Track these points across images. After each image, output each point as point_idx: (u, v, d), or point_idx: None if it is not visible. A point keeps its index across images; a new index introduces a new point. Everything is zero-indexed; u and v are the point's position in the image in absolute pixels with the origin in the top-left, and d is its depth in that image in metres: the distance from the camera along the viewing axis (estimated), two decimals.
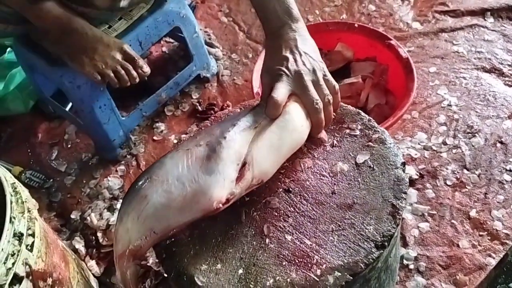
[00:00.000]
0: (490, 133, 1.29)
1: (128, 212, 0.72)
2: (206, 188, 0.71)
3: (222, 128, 0.78)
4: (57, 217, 1.32)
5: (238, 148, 0.75)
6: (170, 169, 0.74)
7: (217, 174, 0.72)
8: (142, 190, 0.72)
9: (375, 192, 0.77)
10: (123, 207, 0.74)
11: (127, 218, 0.72)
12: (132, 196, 0.73)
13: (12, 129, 1.56)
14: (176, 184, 0.72)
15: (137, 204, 0.72)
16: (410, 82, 1.25)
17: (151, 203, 0.71)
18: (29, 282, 0.78)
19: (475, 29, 1.58)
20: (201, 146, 0.75)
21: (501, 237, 1.10)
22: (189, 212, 0.71)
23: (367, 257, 0.71)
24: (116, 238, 0.72)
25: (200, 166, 0.73)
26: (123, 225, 0.72)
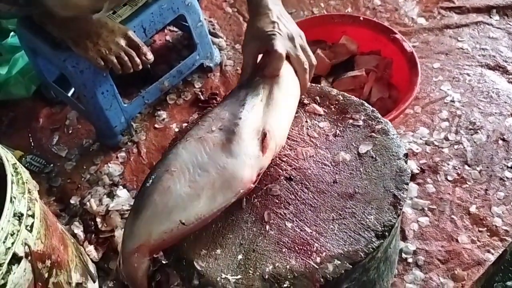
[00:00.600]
0: (492, 130, 1.29)
1: (147, 205, 0.70)
2: (236, 171, 0.72)
3: (231, 110, 0.78)
4: (56, 202, 1.31)
5: (255, 124, 0.76)
6: (188, 159, 0.73)
7: (242, 155, 0.73)
8: (163, 183, 0.71)
9: (376, 182, 0.77)
10: (140, 201, 0.72)
11: (146, 212, 0.70)
12: (150, 190, 0.71)
13: (14, 113, 1.55)
14: (200, 172, 0.72)
15: (160, 196, 0.70)
16: (414, 76, 1.25)
17: (176, 194, 0.70)
18: (27, 263, 0.78)
19: (480, 26, 1.57)
20: (215, 132, 0.76)
21: (500, 234, 1.10)
22: (222, 198, 0.71)
23: (367, 246, 0.71)
24: (132, 232, 0.70)
25: (221, 151, 0.73)
26: (141, 219, 0.70)
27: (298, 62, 0.86)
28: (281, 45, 0.83)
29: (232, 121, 0.77)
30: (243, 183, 0.72)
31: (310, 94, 0.93)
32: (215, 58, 1.55)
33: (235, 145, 0.73)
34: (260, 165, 0.75)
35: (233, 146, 0.73)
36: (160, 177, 0.72)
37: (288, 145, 0.84)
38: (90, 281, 1.05)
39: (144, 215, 0.70)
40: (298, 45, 0.86)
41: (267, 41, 0.83)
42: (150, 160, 1.36)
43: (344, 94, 0.91)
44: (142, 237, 0.69)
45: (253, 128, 0.76)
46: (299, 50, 0.86)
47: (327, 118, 0.88)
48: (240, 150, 0.73)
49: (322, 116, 0.88)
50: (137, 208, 0.72)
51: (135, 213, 0.72)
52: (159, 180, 0.72)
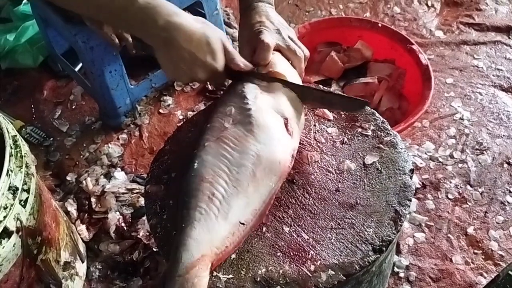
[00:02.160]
0: (498, 153, 1.27)
1: (197, 216, 0.66)
2: (271, 155, 0.72)
3: (235, 105, 0.77)
4: (52, 177, 1.30)
5: (267, 111, 0.76)
6: (219, 162, 0.71)
7: (272, 139, 0.73)
8: (205, 192, 0.68)
9: (379, 195, 0.76)
10: (187, 215, 0.67)
11: (200, 221, 0.66)
12: (194, 203, 0.68)
13: (18, 82, 1.54)
14: (237, 169, 0.70)
15: (207, 205, 0.67)
16: (427, 90, 1.23)
17: (225, 197, 0.68)
18: (18, 238, 0.77)
19: (498, 45, 1.55)
20: (230, 128, 0.74)
21: (495, 258, 1.09)
22: (268, 186, 0.71)
23: (363, 259, 0.69)
24: (188, 243, 0.64)
25: (248, 142, 0.72)
26: (197, 228, 0.65)
27: (290, 52, 0.87)
28: (268, 37, 0.84)
29: (243, 114, 0.75)
30: (282, 165, 0.73)
31: None
32: None
33: (259, 133, 0.73)
34: (292, 146, 0.76)
35: (258, 134, 0.73)
36: (199, 188, 0.69)
37: None
38: (79, 261, 1.05)
39: (198, 224, 0.66)
40: (287, 37, 0.87)
41: (254, 37, 0.85)
42: (151, 145, 1.35)
43: None
44: (203, 246, 0.64)
45: (268, 114, 0.76)
46: (289, 41, 0.87)
47: (336, 124, 0.86)
48: (267, 136, 0.73)
49: (331, 122, 0.87)
50: (186, 221, 0.67)
51: (187, 225, 0.66)
52: (198, 191, 0.69)
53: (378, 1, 1.71)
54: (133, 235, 1.14)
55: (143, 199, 1.12)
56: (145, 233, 1.13)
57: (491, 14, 1.65)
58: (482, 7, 1.67)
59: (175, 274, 0.62)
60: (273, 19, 0.89)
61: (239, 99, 0.78)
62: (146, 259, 1.11)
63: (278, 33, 0.87)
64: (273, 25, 0.87)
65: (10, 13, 1.52)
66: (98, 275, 1.10)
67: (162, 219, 0.75)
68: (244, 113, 0.76)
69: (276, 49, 0.85)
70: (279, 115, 0.77)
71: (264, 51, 0.83)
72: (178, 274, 0.62)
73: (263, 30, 0.85)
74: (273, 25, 0.87)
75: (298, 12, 1.72)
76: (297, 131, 0.78)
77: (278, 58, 0.85)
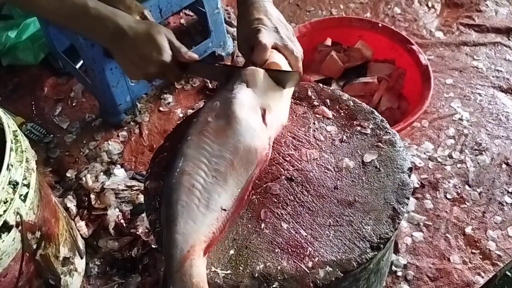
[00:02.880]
0: (497, 153, 1.28)
1: (180, 210, 0.68)
2: (248, 145, 0.74)
3: (222, 100, 0.79)
4: (52, 173, 1.30)
5: (248, 104, 0.78)
6: (199, 155, 0.73)
7: (248, 130, 0.75)
8: (185, 184, 0.70)
9: (377, 193, 0.76)
10: (170, 210, 0.69)
11: (183, 215, 0.68)
12: (176, 196, 0.70)
13: (19, 79, 1.54)
14: (216, 161, 0.72)
15: (188, 196, 0.69)
16: (426, 90, 1.23)
17: (205, 187, 0.70)
18: (17, 232, 0.78)
19: (497, 47, 1.55)
20: (212, 122, 0.76)
21: (493, 258, 1.09)
22: (246, 174, 0.74)
23: (360, 256, 0.70)
24: (175, 239, 0.66)
25: (226, 134, 0.74)
26: (180, 222, 0.67)
27: (287, 51, 0.87)
28: (266, 37, 0.85)
29: (224, 107, 0.77)
30: (258, 153, 0.75)
31: (320, 96, 0.91)
32: (228, 47, 1.54)
33: (236, 124, 0.75)
34: (267, 135, 0.78)
35: (235, 126, 0.75)
36: (179, 181, 0.71)
37: (293, 145, 0.83)
38: (78, 257, 1.05)
39: (181, 218, 0.68)
40: (285, 36, 0.88)
41: (252, 35, 0.86)
42: (151, 142, 1.35)
43: (355, 100, 0.90)
44: (190, 237, 0.66)
45: (248, 107, 0.77)
46: (286, 40, 0.88)
47: (335, 122, 0.87)
48: (243, 127, 0.75)
49: (331, 120, 0.87)
50: (170, 217, 0.69)
51: (171, 222, 0.68)
52: (179, 184, 0.71)
53: (378, 2, 1.72)
54: (132, 232, 1.14)
55: (142, 196, 1.12)
56: (144, 230, 1.14)
57: (491, 16, 1.65)
58: (482, 8, 1.67)
59: (172, 272, 0.65)
60: (271, 15, 0.89)
61: (226, 95, 0.80)
62: (145, 255, 1.11)
63: (276, 31, 0.87)
64: (271, 22, 0.88)
65: (12, 10, 1.53)
66: (97, 271, 1.11)
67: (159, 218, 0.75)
68: (225, 107, 0.77)
69: (273, 47, 0.86)
70: (258, 106, 0.79)
71: (261, 51, 0.84)
72: (174, 271, 0.64)
73: (261, 29, 0.86)
74: (271, 23, 0.88)
75: (299, 11, 1.72)
76: (275, 120, 0.81)
77: (275, 54, 0.86)
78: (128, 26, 0.85)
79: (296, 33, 1.39)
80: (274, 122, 0.80)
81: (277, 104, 0.82)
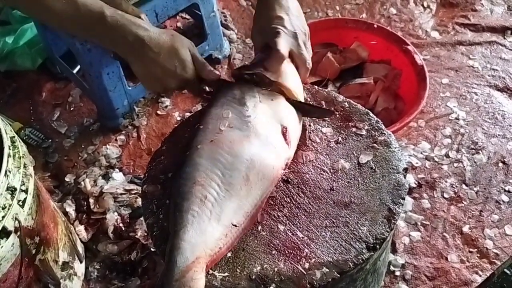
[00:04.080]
0: (493, 152, 1.28)
1: (190, 219, 0.67)
2: (265, 160, 0.73)
3: (233, 110, 0.78)
4: (51, 178, 1.31)
5: (266, 120, 0.78)
6: (212, 165, 0.72)
7: (267, 145, 0.74)
8: (197, 194, 0.69)
9: (373, 194, 0.77)
10: (179, 218, 0.67)
11: (193, 224, 0.66)
12: (186, 205, 0.68)
13: (17, 84, 1.55)
14: (230, 173, 0.71)
15: (200, 207, 0.68)
16: (422, 90, 1.24)
17: (217, 200, 0.69)
18: (16, 238, 0.78)
19: (493, 46, 1.56)
20: (225, 131, 0.76)
21: (490, 256, 1.09)
22: (260, 190, 0.72)
23: (357, 257, 0.70)
24: (182, 246, 0.64)
25: (243, 146, 0.73)
26: (189, 231, 0.66)
27: (301, 60, 0.87)
28: (284, 44, 0.83)
29: (241, 119, 0.76)
30: (275, 170, 0.74)
31: (316, 98, 0.92)
32: (225, 50, 1.55)
33: (255, 137, 0.74)
34: (287, 155, 0.77)
35: (254, 139, 0.74)
36: (191, 191, 0.70)
37: None
38: (77, 261, 1.05)
39: (191, 227, 0.67)
40: (302, 43, 0.86)
41: (271, 36, 0.84)
42: (149, 146, 1.36)
43: (350, 102, 0.90)
44: (197, 248, 0.65)
45: (266, 123, 0.77)
46: (303, 48, 0.86)
47: (330, 124, 0.87)
48: (262, 141, 0.74)
49: (326, 122, 0.88)
50: (179, 224, 0.67)
51: (180, 229, 0.67)
52: (191, 194, 0.69)
53: (374, 2, 1.72)
54: (131, 236, 1.14)
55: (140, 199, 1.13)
56: (143, 233, 1.14)
57: (486, 15, 1.66)
58: (477, 7, 1.68)
59: (172, 279, 0.63)
60: (292, 15, 0.86)
61: (238, 104, 0.79)
62: (144, 259, 1.12)
63: (294, 37, 0.85)
64: (291, 25, 0.85)
65: (9, 16, 1.53)
66: (96, 275, 1.11)
67: (159, 218, 0.75)
68: (242, 119, 0.77)
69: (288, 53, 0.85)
70: (278, 123, 0.78)
71: (276, 61, 0.82)
72: (174, 279, 0.63)
73: (281, 32, 0.84)
74: (291, 25, 0.85)
75: None
76: (294, 141, 0.80)
77: (289, 70, 0.85)
78: (149, 37, 0.79)
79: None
80: (294, 141, 0.80)
81: (296, 124, 0.81)
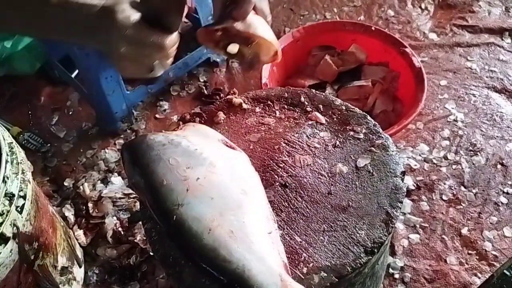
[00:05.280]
0: (492, 154, 1.28)
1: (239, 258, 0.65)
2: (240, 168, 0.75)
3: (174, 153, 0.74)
4: (50, 183, 1.31)
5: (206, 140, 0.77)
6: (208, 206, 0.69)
7: (229, 159, 0.75)
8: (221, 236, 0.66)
9: (371, 198, 0.77)
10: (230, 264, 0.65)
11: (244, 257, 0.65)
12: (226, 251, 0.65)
13: (16, 88, 1.55)
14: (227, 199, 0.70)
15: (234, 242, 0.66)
16: (420, 92, 1.24)
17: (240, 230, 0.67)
18: (14, 244, 0.78)
19: (491, 47, 1.56)
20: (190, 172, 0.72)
21: (489, 258, 1.09)
22: (259, 190, 0.75)
23: (355, 261, 0.70)
24: (259, 281, 0.63)
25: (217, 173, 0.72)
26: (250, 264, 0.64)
27: (263, 14, 0.82)
28: None
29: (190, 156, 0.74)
30: (250, 166, 0.76)
31: (313, 102, 0.92)
32: None
33: (217, 159, 0.73)
34: (242, 155, 0.78)
35: (218, 160, 0.73)
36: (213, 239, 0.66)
37: (286, 151, 0.84)
38: (76, 266, 1.05)
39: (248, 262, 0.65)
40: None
41: None
42: None
43: (347, 105, 0.90)
44: (271, 271, 0.64)
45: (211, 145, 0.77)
46: (263, 1, 0.81)
47: (328, 127, 0.87)
48: (224, 156, 0.75)
49: (324, 125, 0.88)
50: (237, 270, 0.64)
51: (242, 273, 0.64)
52: (216, 241, 0.66)
53: (372, 5, 1.73)
54: (130, 240, 1.15)
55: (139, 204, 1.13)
56: (142, 238, 1.14)
57: (484, 16, 1.66)
58: (475, 9, 1.68)
59: None
60: None
61: (174, 147, 0.75)
62: (143, 263, 1.12)
63: None
64: None
65: None
66: (95, 279, 1.11)
67: (157, 222, 0.75)
68: (192, 155, 0.74)
69: None
70: (218, 141, 0.78)
71: (246, 8, 0.76)
72: None
73: None
74: None
75: (293, 16, 1.73)
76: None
77: (259, 20, 0.80)
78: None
79: (290, 38, 1.40)
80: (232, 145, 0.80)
81: None
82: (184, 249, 0.70)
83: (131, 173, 0.77)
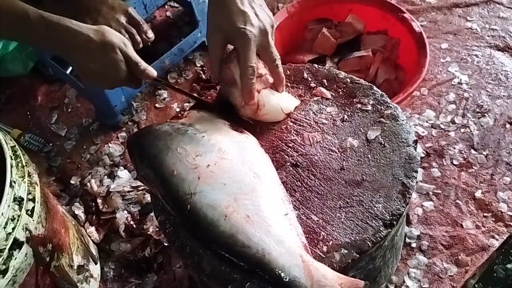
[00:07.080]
0: (500, 114, 1.26)
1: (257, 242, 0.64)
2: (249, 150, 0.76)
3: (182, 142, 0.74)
4: (56, 182, 1.30)
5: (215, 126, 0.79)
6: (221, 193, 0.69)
7: (239, 142, 0.75)
8: (239, 222, 0.66)
9: (385, 170, 0.75)
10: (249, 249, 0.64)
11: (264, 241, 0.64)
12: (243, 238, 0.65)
13: (11, 90, 1.52)
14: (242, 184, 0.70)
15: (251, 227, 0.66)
16: (422, 57, 1.22)
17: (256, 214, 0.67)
18: (29, 248, 0.77)
19: (490, 5, 1.53)
20: (200, 160, 0.72)
21: (505, 219, 1.09)
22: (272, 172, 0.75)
23: (374, 235, 0.69)
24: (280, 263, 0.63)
25: (228, 158, 0.72)
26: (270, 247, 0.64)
27: (269, 60, 0.80)
28: (252, 53, 0.76)
29: (198, 143, 0.74)
30: (260, 148, 0.78)
31: (317, 77, 0.90)
32: None
33: (226, 144, 0.74)
34: (254, 140, 0.79)
35: (228, 145, 0.74)
36: (231, 225, 0.66)
37: (294, 130, 0.82)
38: (92, 263, 1.05)
39: (267, 245, 0.64)
40: (271, 40, 0.79)
41: (237, 39, 0.76)
42: None
43: (352, 77, 0.88)
44: (290, 251, 0.64)
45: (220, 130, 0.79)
46: (272, 45, 0.79)
47: (334, 102, 0.85)
48: (233, 141, 0.75)
49: (330, 100, 0.86)
50: (257, 254, 0.63)
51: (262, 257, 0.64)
52: (234, 227, 0.65)
53: None
54: (143, 232, 1.14)
55: (149, 195, 1.12)
56: (155, 229, 1.13)
57: None
58: None
59: None
60: (256, 6, 0.78)
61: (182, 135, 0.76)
62: (159, 254, 1.11)
63: (262, 35, 0.77)
64: (257, 20, 0.76)
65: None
66: (112, 274, 1.11)
67: (170, 214, 0.74)
68: (200, 142, 0.74)
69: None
70: (223, 125, 0.79)
71: (249, 78, 0.76)
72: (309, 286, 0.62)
73: (249, 35, 0.74)
74: (258, 21, 0.76)
75: None
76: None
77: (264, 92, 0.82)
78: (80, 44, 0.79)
79: (285, 14, 1.37)
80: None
81: None
82: (201, 238, 0.69)
83: (139, 166, 0.75)
